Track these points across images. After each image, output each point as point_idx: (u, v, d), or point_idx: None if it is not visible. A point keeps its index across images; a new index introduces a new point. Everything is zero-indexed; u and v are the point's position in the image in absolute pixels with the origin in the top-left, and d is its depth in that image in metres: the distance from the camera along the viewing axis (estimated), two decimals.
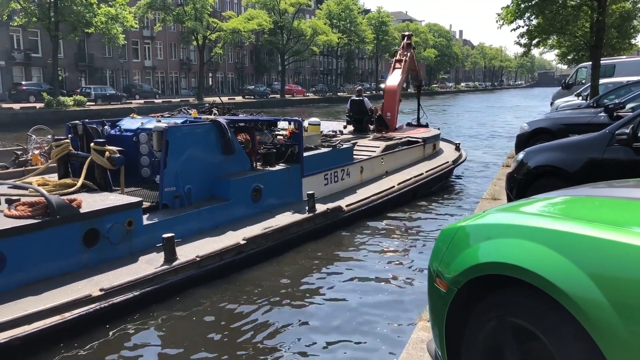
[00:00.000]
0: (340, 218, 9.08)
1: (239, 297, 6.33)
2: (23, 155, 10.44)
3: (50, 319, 4.93)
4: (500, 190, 8.59)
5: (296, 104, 55.42)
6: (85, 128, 8.42)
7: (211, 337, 5.44)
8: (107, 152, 7.23)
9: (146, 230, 6.70)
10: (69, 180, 7.26)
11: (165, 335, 5.43)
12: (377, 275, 7.18)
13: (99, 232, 6.16)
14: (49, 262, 5.70)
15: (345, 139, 12.52)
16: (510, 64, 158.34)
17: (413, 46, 17.17)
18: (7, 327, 4.69)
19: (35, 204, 5.81)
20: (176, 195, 7.47)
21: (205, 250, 6.68)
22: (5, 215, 5.71)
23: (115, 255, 6.30)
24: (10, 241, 5.35)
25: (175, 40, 60.41)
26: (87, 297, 5.32)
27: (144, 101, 44.77)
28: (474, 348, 2.50)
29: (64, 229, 5.83)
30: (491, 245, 2.43)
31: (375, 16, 78.30)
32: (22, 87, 40.84)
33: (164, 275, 6.04)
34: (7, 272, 5.32)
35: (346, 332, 5.55)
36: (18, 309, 4.96)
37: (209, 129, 8.12)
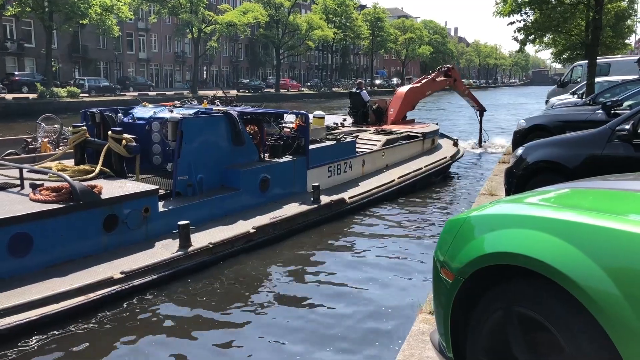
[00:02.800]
0: (343, 209, 9.39)
1: (247, 283, 6.55)
2: (33, 143, 10.65)
3: (76, 299, 5.26)
4: (497, 186, 8.63)
5: (291, 99, 55.28)
6: (102, 116, 8.57)
7: (221, 317, 5.64)
8: (124, 140, 7.53)
9: (161, 216, 6.98)
10: (86, 166, 7.53)
11: (178, 315, 5.65)
12: (377, 266, 7.28)
13: (118, 217, 6.44)
14: (72, 245, 5.99)
15: (347, 132, 12.81)
16: (505, 62, 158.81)
17: (454, 77, 17.78)
18: (38, 305, 5.01)
19: (59, 189, 6.12)
20: (189, 184, 7.72)
21: (217, 237, 6.98)
22: (30, 199, 6.03)
23: (132, 240, 6.58)
24: (36, 224, 5.66)
25: (170, 32, 60.16)
26: (109, 279, 5.62)
27: (137, 93, 44.49)
28: (480, 338, 2.49)
29: (86, 214, 6.12)
30: (499, 235, 2.41)
31: (371, 12, 78.22)
32: (15, 78, 40.45)
33: (179, 260, 6.36)
34: (34, 253, 5.64)
35: (345, 322, 5.57)
36: (46, 288, 5.28)
37: (221, 121, 8.34)
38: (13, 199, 6.13)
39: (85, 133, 8.00)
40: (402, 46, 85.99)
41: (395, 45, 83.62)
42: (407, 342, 3.67)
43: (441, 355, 2.77)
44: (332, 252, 7.84)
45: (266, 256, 7.39)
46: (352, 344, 5.15)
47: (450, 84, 17.87)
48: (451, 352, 2.64)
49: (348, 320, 5.62)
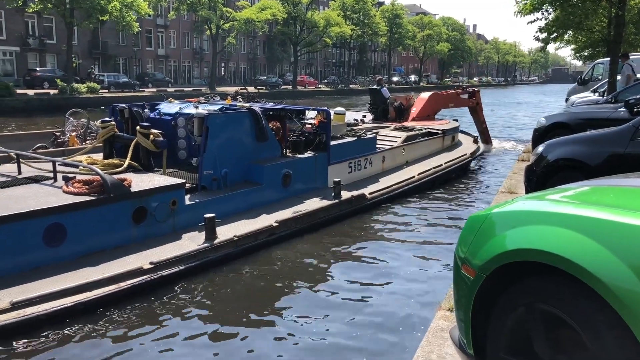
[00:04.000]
0: (363, 205, 9.43)
1: (270, 275, 6.69)
2: (61, 137, 10.92)
3: (108, 288, 5.45)
4: (516, 183, 8.57)
5: (308, 96, 55.31)
6: (130, 111, 8.73)
7: (244, 309, 5.77)
8: (152, 135, 7.74)
9: (188, 209, 7.16)
10: (115, 160, 7.75)
11: (203, 306, 5.81)
12: (396, 262, 7.29)
13: (146, 210, 6.63)
14: (103, 235, 6.20)
15: (367, 129, 12.87)
16: (524, 60, 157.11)
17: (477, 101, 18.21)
18: (72, 292, 5.23)
19: (90, 182, 6.34)
20: (214, 178, 7.91)
21: (241, 230, 7.14)
22: (63, 191, 6.25)
23: (160, 232, 6.77)
24: (70, 215, 5.87)
25: (189, 29, 60.52)
26: (139, 269, 5.82)
27: (156, 89, 44.83)
28: (501, 335, 2.49)
29: (116, 206, 6.33)
30: (521, 232, 2.40)
31: (389, 9, 77.90)
32: (36, 73, 41.05)
33: (205, 252, 6.53)
34: (67, 244, 5.85)
35: (364, 318, 5.58)
36: (79, 277, 5.49)
37: (245, 117, 8.49)
38: (47, 191, 6.35)
39: (114, 128, 8.22)
40: (420, 43, 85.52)
41: (413, 42, 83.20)
42: (426, 339, 3.67)
43: (461, 352, 2.77)
44: (352, 247, 7.90)
45: (288, 250, 7.53)
46: (370, 339, 5.14)
47: (472, 104, 18.09)
48: (472, 349, 2.64)
49: (366, 316, 5.63)
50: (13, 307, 4.87)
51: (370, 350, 4.94)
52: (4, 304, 4.89)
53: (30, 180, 6.81)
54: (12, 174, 7.09)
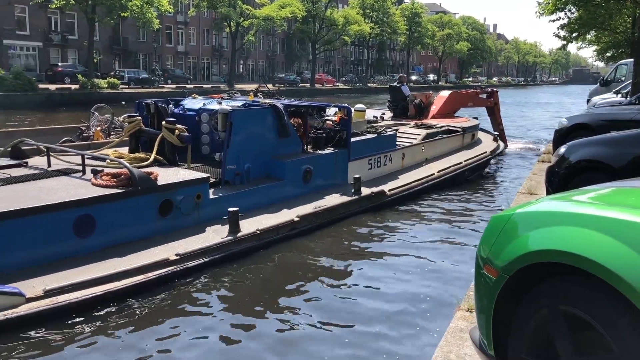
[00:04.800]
0: (383, 201, 9.51)
1: (291, 269, 6.81)
2: (86, 131, 11.17)
3: (136, 278, 5.63)
4: (536, 185, 8.49)
5: (326, 94, 55.26)
6: (156, 107, 8.88)
7: (266, 299, 5.92)
8: (177, 130, 7.90)
9: (211, 203, 7.32)
10: (141, 154, 7.91)
11: (227, 296, 5.98)
12: (415, 260, 7.30)
13: (172, 203, 6.79)
14: (130, 227, 6.37)
15: (387, 126, 12.91)
16: (545, 60, 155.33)
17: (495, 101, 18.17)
18: (101, 282, 5.39)
19: (118, 175, 6.51)
20: (237, 173, 8.03)
21: (264, 224, 7.29)
22: (92, 183, 6.43)
23: (184, 225, 6.92)
24: (99, 207, 6.05)
25: (209, 26, 60.78)
26: (165, 260, 5.99)
27: (175, 86, 45.16)
28: (523, 336, 2.46)
29: (143, 198, 6.50)
30: (545, 232, 2.38)
31: (408, 7, 77.54)
32: (58, 69, 41.56)
33: (229, 244, 6.70)
34: (96, 234, 6.03)
35: (382, 316, 5.59)
36: (108, 267, 5.66)
37: (268, 113, 8.61)
38: (77, 184, 6.52)
39: (139, 123, 8.39)
40: (440, 42, 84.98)
41: (433, 41, 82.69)
42: (445, 339, 3.65)
43: (481, 353, 2.75)
44: (371, 244, 7.95)
45: (309, 244, 7.64)
46: (388, 337, 5.14)
47: (490, 105, 18.03)
48: (492, 350, 2.62)
49: (384, 314, 5.63)
50: (46, 295, 5.04)
51: (387, 349, 4.93)
52: (37, 291, 5.06)
53: (60, 172, 6.97)
54: (42, 166, 7.26)
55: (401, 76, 17.78)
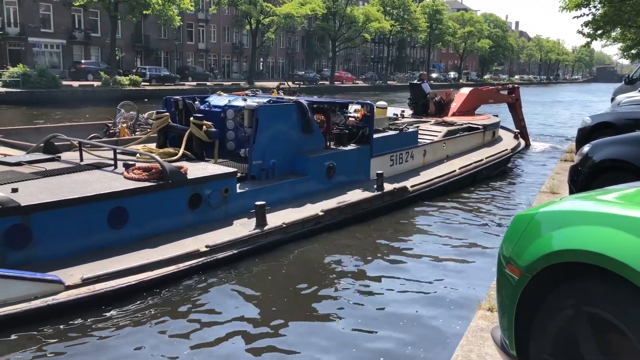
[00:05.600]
0: (405, 198, 9.59)
1: (315, 263, 6.96)
2: (113, 128, 11.41)
3: (168, 268, 5.83)
4: (559, 184, 8.40)
5: (345, 91, 55.23)
6: (184, 103, 9.07)
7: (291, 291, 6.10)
8: (205, 126, 8.09)
9: (239, 197, 7.51)
10: (170, 149, 8.10)
11: (255, 287, 6.16)
12: (436, 258, 7.33)
13: (201, 196, 7.00)
14: (161, 220, 6.59)
15: (409, 123, 13.00)
16: (568, 58, 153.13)
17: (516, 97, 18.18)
18: (135, 272, 5.61)
19: (149, 169, 6.71)
20: (263, 168, 8.23)
21: (289, 218, 7.47)
22: (124, 177, 6.64)
23: (213, 218, 7.14)
24: (132, 200, 6.27)
25: (229, 23, 61.07)
26: (196, 252, 6.20)
27: (196, 83, 45.48)
28: (545, 337, 2.44)
29: (174, 192, 6.71)
30: (570, 232, 2.35)
31: (429, 4, 77.01)
32: (81, 66, 42.20)
33: (257, 237, 6.89)
34: (129, 226, 6.25)
35: (402, 313, 5.61)
36: (141, 257, 5.88)
37: (293, 109, 8.79)
38: (110, 177, 6.73)
39: (168, 118, 8.58)
40: (461, 40, 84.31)
41: (454, 38, 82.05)
42: (466, 338, 3.64)
43: (503, 352, 2.73)
44: (393, 240, 8.02)
45: (332, 239, 7.78)
46: (408, 336, 5.14)
47: (511, 101, 17.88)
48: (514, 350, 2.60)
49: (405, 312, 5.64)
50: (84, 283, 5.26)
51: (408, 347, 4.95)
52: (75, 279, 5.27)
53: (93, 166, 7.17)
54: (75, 160, 7.47)
55: (422, 74, 17.82)
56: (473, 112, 16.50)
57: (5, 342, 4.64)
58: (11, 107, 28.77)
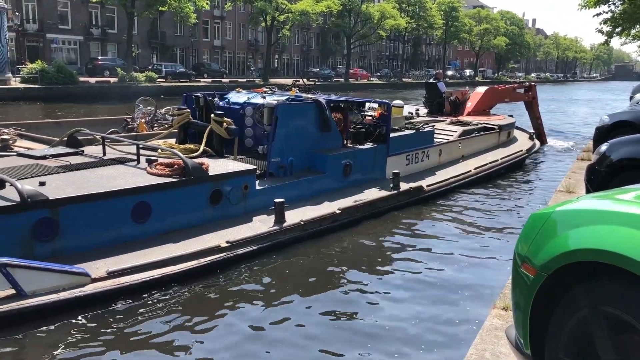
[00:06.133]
0: (421, 197, 9.66)
1: (332, 260, 7.06)
2: (131, 123, 11.64)
3: (190, 263, 5.95)
4: (575, 183, 8.33)
5: (360, 89, 55.09)
6: (205, 100, 9.15)
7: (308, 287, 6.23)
8: (225, 123, 8.18)
9: (258, 194, 7.62)
10: (191, 145, 8.17)
11: (274, 282, 6.28)
12: (451, 256, 7.35)
13: (222, 192, 7.11)
14: (183, 215, 6.70)
15: (425, 122, 13.05)
16: (585, 56, 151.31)
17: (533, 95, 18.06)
18: (159, 265, 5.73)
19: (172, 164, 6.81)
20: (281, 166, 8.29)
21: (307, 216, 7.56)
22: (147, 172, 6.75)
23: (233, 214, 7.25)
24: (155, 195, 6.40)
25: (245, 20, 61.16)
26: (217, 247, 6.31)
27: (211, 80, 45.64)
28: (561, 336, 2.43)
29: (196, 188, 6.83)
30: (586, 231, 2.34)
31: (445, 1, 76.41)
32: (98, 62, 42.61)
33: (276, 234, 7.00)
34: (152, 221, 6.37)
35: (417, 311, 5.64)
36: (164, 252, 6.00)
37: (311, 107, 8.85)
38: (133, 172, 6.85)
39: (188, 115, 8.70)
40: (477, 37, 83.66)
41: (470, 35, 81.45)
42: (480, 337, 3.63)
43: (517, 352, 2.72)
44: (409, 238, 8.07)
45: (349, 236, 7.86)
46: (422, 333, 5.17)
47: (528, 99, 17.78)
48: (529, 349, 2.59)
49: (419, 310, 5.65)
50: (109, 276, 5.38)
51: (422, 345, 4.96)
52: (101, 272, 5.40)
53: (115, 161, 7.30)
54: (98, 155, 7.59)
55: (438, 73, 17.83)
56: (489, 112, 16.46)
57: (36, 332, 4.78)
58: (29, 103, 29.12)
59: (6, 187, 5.64)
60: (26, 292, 4.87)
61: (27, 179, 5.98)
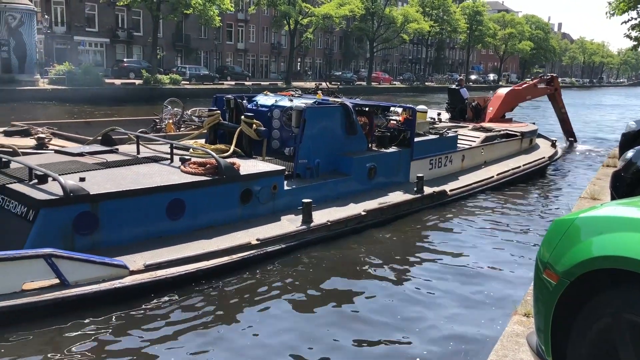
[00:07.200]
0: (444, 201, 9.79)
1: (356, 261, 7.19)
2: (159, 123, 11.97)
3: (223, 259, 6.18)
4: (600, 190, 8.24)
5: (382, 92, 54.97)
6: (235, 102, 9.36)
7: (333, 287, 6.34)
8: (254, 125, 8.39)
9: (286, 194, 7.79)
10: (222, 146, 8.38)
11: (301, 280, 6.43)
12: (473, 262, 7.36)
13: (252, 192, 7.31)
14: (215, 212, 6.91)
15: (447, 127, 13.17)
16: (613, 61, 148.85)
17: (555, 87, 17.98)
18: (193, 260, 5.95)
19: (204, 163, 7.02)
20: (308, 167, 8.45)
21: (333, 216, 7.74)
22: (181, 171, 6.97)
23: (262, 213, 7.44)
24: (189, 192, 6.62)
25: (268, 24, 61.52)
26: (247, 244, 6.53)
27: (234, 82, 45.98)
28: (583, 344, 2.42)
29: (227, 187, 7.04)
30: (610, 238, 2.33)
31: (470, 5, 75.97)
32: (123, 64, 43.13)
33: (303, 233, 7.21)
34: (186, 217, 6.60)
35: (438, 315, 5.65)
36: (197, 247, 6.21)
37: (338, 111, 9.00)
38: (168, 170, 7.06)
39: (219, 116, 8.90)
40: (501, 41, 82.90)
41: (494, 40, 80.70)
42: (500, 343, 3.62)
43: (539, 358, 2.71)
44: (431, 242, 8.12)
45: (373, 238, 7.99)
46: (443, 338, 5.18)
47: (550, 92, 17.58)
48: (550, 356, 2.58)
49: (440, 315, 5.66)
50: (146, 269, 5.60)
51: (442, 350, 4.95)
52: (139, 265, 5.62)
53: (150, 159, 7.50)
54: (132, 153, 7.81)
55: (460, 79, 17.87)
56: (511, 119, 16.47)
57: (78, 320, 5.00)
58: (57, 104, 29.65)
59: (48, 182, 5.88)
60: (69, 282, 5.09)
61: (67, 174, 6.19)
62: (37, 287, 4.98)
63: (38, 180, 5.93)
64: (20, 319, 4.80)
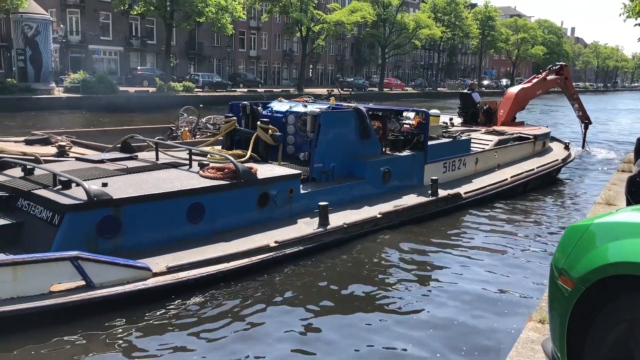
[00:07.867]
0: (458, 204, 9.85)
1: (372, 263, 7.30)
2: (175, 131, 12.20)
3: (242, 260, 6.32)
4: (615, 195, 8.17)
5: (394, 98, 54.96)
6: (251, 108, 9.51)
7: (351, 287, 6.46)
8: (270, 130, 8.51)
9: (302, 197, 7.94)
10: (238, 151, 8.53)
11: (319, 281, 6.61)
12: (488, 267, 7.38)
13: (269, 195, 7.46)
14: (233, 216, 7.09)
15: (460, 131, 13.22)
16: (627, 65, 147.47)
17: (565, 76, 17.89)
18: (213, 262, 6.11)
19: (222, 168, 7.19)
20: (323, 171, 8.58)
21: (349, 219, 7.88)
22: (200, 175, 7.11)
23: (279, 216, 7.59)
24: (208, 197, 6.78)
25: (280, 31, 61.81)
26: (266, 246, 6.67)
27: (247, 90, 46.18)
28: (599, 350, 2.41)
29: (245, 191, 7.20)
30: (625, 244, 2.32)
31: (482, 10, 75.67)
32: (137, 72, 43.64)
33: (320, 235, 7.35)
34: (205, 221, 6.75)
35: (451, 320, 5.65)
36: (217, 250, 6.37)
37: (352, 115, 9.14)
38: (187, 175, 7.20)
39: (235, 123, 9.06)
40: (514, 46, 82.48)
41: (506, 45, 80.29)
42: (515, 349, 3.61)
43: None
44: (446, 245, 8.17)
45: (389, 240, 8.08)
46: (456, 344, 5.16)
47: (561, 82, 17.49)
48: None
49: (453, 321, 5.67)
50: (169, 271, 5.74)
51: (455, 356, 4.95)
52: (161, 267, 5.77)
53: (169, 165, 7.65)
54: (151, 159, 7.96)
55: (472, 84, 17.91)
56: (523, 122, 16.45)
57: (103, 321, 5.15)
58: (72, 112, 30.01)
59: (72, 188, 6.04)
60: (95, 284, 5.23)
61: (90, 180, 6.34)
62: (64, 289, 5.12)
63: (62, 186, 6.09)
64: (49, 320, 4.93)
